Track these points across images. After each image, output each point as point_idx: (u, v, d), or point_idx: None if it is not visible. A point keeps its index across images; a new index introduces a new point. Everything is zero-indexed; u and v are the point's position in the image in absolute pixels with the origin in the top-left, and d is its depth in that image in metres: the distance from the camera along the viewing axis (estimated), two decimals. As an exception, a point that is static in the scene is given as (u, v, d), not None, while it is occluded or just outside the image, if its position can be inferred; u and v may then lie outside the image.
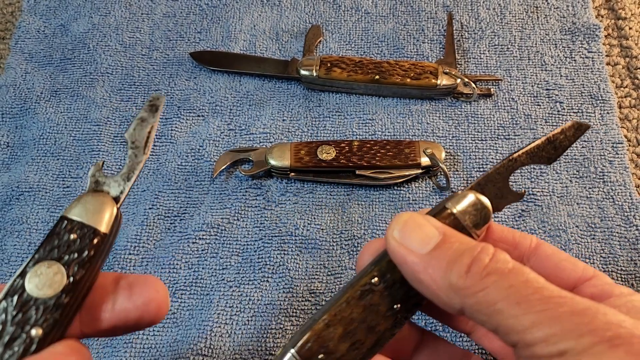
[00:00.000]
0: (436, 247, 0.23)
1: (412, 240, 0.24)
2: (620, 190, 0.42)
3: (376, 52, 0.49)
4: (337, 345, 0.24)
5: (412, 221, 0.24)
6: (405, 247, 0.24)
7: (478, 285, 0.21)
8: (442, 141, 0.45)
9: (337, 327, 0.25)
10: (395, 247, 0.24)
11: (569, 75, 0.47)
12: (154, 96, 0.27)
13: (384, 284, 0.25)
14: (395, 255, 0.24)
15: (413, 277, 0.23)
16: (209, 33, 0.51)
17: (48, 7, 0.53)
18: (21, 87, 0.48)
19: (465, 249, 0.23)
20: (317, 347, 0.24)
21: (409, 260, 0.23)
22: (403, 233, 0.24)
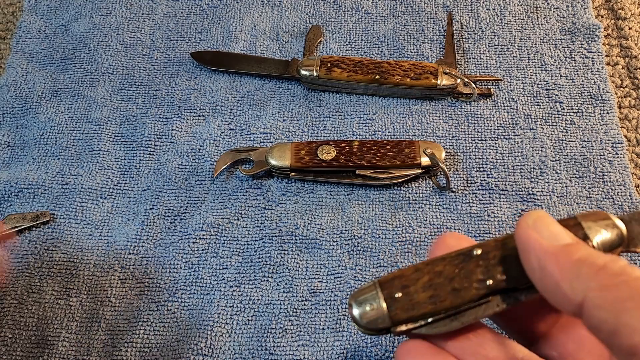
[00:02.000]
0: (569, 244, 0.23)
1: (545, 231, 0.23)
2: (620, 190, 0.42)
3: (376, 52, 0.49)
4: (418, 290, 0.25)
5: (546, 218, 0.24)
6: (537, 234, 0.23)
7: (609, 280, 0.21)
8: (442, 141, 0.45)
9: (424, 274, 0.25)
10: (527, 233, 0.24)
11: (569, 75, 0.47)
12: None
13: (484, 257, 0.25)
14: (526, 240, 0.23)
15: (537, 263, 0.23)
16: (210, 33, 0.51)
17: (49, 7, 0.53)
18: (22, 87, 0.48)
19: (600, 254, 0.22)
20: (399, 284, 0.25)
21: (538, 244, 0.23)
22: (536, 223, 0.24)
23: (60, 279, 0.40)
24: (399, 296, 0.25)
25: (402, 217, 0.42)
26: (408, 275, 0.25)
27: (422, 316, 0.25)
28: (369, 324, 0.25)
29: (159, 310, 0.39)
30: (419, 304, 0.25)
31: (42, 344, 0.38)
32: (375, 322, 0.25)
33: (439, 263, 0.25)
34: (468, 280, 0.25)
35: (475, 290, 0.24)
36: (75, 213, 0.42)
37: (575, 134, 0.45)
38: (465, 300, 0.25)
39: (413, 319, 0.25)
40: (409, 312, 0.25)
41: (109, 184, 0.44)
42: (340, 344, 0.37)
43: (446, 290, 0.25)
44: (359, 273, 0.39)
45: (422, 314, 0.25)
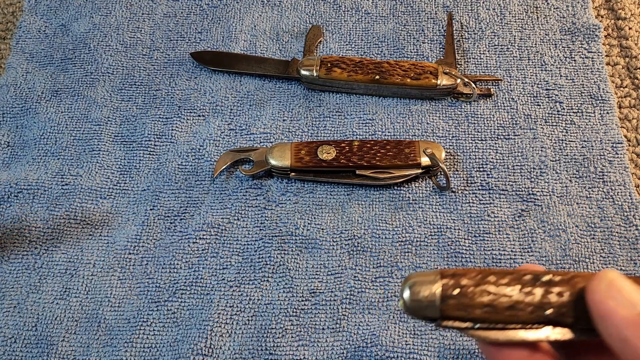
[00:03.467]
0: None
1: (620, 297, 0.23)
2: (620, 190, 0.42)
3: (376, 52, 0.49)
4: (477, 295, 0.24)
5: (621, 280, 0.23)
6: (613, 301, 0.22)
7: None
8: (442, 141, 0.45)
9: (488, 282, 0.24)
10: (601, 300, 0.23)
11: (569, 75, 0.47)
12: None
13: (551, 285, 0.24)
14: (600, 307, 0.23)
15: (617, 333, 0.22)
16: (210, 33, 0.51)
17: (49, 7, 0.53)
18: (22, 87, 0.48)
19: None
20: (460, 282, 0.24)
21: (617, 315, 0.22)
22: (610, 288, 0.23)
23: (60, 279, 0.40)
24: (456, 293, 0.24)
25: (402, 217, 0.42)
26: (473, 277, 0.25)
27: (472, 319, 0.24)
28: (416, 309, 0.25)
29: (159, 310, 0.39)
30: (473, 308, 0.24)
31: (42, 344, 0.38)
32: (423, 309, 0.24)
33: (506, 277, 0.25)
34: (529, 303, 0.24)
35: (532, 314, 0.24)
36: (75, 213, 0.42)
37: (575, 134, 0.45)
38: (518, 320, 0.24)
39: (462, 319, 0.24)
40: (460, 312, 0.24)
41: (108, 184, 0.44)
42: (340, 344, 0.37)
43: (504, 306, 0.24)
44: (359, 273, 0.39)
45: (472, 318, 0.24)
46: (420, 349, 0.37)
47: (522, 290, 0.24)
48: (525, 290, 0.24)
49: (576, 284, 0.24)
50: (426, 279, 0.25)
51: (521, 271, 0.25)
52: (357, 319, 0.38)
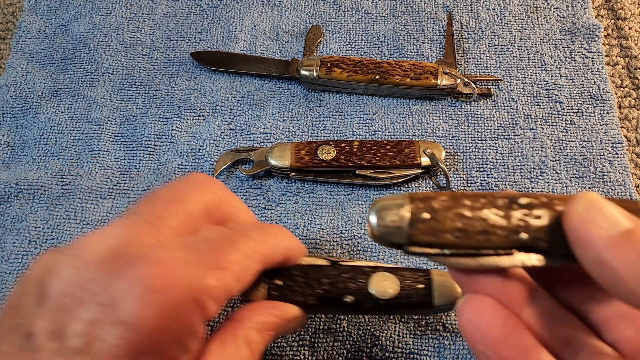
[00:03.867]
0: (629, 231, 0.20)
1: (599, 218, 0.21)
2: (620, 190, 0.42)
3: (376, 52, 0.49)
4: (448, 219, 0.23)
5: (600, 201, 0.21)
6: (592, 223, 0.21)
7: None
8: (442, 141, 0.45)
9: (460, 205, 0.23)
10: (579, 222, 0.21)
11: (569, 75, 0.47)
12: None
13: (529, 208, 0.23)
14: (578, 230, 0.21)
15: (595, 257, 0.20)
16: (210, 33, 0.51)
17: (49, 7, 0.53)
18: (22, 87, 0.48)
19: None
20: (430, 205, 0.23)
21: (595, 237, 0.20)
22: (589, 210, 0.21)
23: (60, 279, 0.40)
24: (425, 217, 0.23)
25: (402, 217, 0.41)
26: (443, 201, 0.23)
27: (442, 245, 0.23)
28: (383, 234, 0.23)
29: (158, 310, 0.39)
30: (444, 233, 0.23)
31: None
32: (390, 235, 0.23)
33: (479, 199, 0.23)
34: (502, 227, 0.22)
35: (505, 239, 0.23)
36: (75, 213, 0.42)
37: (575, 134, 0.45)
38: (492, 245, 0.23)
39: (431, 244, 0.23)
40: (429, 237, 0.23)
41: (108, 184, 0.44)
42: (340, 344, 0.37)
43: (476, 230, 0.23)
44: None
45: (442, 244, 0.23)
46: (420, 349, 0.37)
47: (496, 214, 0.23)
48: (500, 214, 0.23)
49: (555, 206, 0.23)
50: (394, 203, 0.23)
51: (496, 194, 0.23)
52: (357, 319, 0.38)
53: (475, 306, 0.23)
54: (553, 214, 0.22)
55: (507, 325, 0.23)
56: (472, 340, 0.23)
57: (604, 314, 0.24)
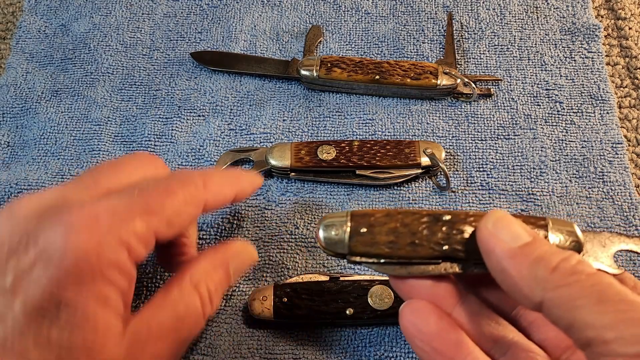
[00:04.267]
0: (526, 244, 0.24)
1: (503, 233, 0.25)
2: (619, 190, 0.42)
3: (376, 52, 0.49)
4: (382, 232, 0.27)
5: (506, 218, 0.26)
6: (496, 237, 0.25)
7: (563, 281, 0.22)
8: (442, 141, 0.45)
9: (392, 221, 0.27)
10: (487, 236, 0.25)
11: (569, 75, 0.47)
12: None
13: (450, 224, 0.27)
14: (486, 242, 0.25)
15: (497, 265, 0.24)
16: (210, 33, 0.51)
17: (49, 7, 0.53)
18: (22, 87, 0.48)
19: (554, 251, 0.24)
20: (367, 221, 0.27)
21: (498, 248, 0.24)
22: (496, 226, 0.25)
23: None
24: (363, 231, 0.27)
25: (402, 217, 0.42)
26: (378, 217, 0.27)
27: (377, 255, 0.27)
28: (328, 245, 0.27)
29: (158, 310, 0.39)
30: (378, 244, 0.27)
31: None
32: (334, 246, 0.27)
33: (409, 216, 0.27)
34: (428, 240, 0.27)
35: (430, 250, 0.27)
36: (75, 213, 0.42)
37: (575, 134, 0.45)
38: (419, 255, 0.27)
39: (368, 254, 0.27)
40: (366, 247, 0.27)
41: (109, 184, 0.44)
42: (339, 344, 0.37)
43: (405, 242, 0.27)
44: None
45: (377, 254, 0.27)
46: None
47: (423, 228, 0.27)
48: (426, 228, 0.27)
49: (472, 222, 0.27)
50: (337, 220, 0.27)
51: (423, 212, 0.27)
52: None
53: (414, 308, 0.27)
54: (471, 228, 0.27)
55: (440, 323, 0.26)
56: (411, 337, 0.26)
57: (530, 317, 0.28)
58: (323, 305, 0.36)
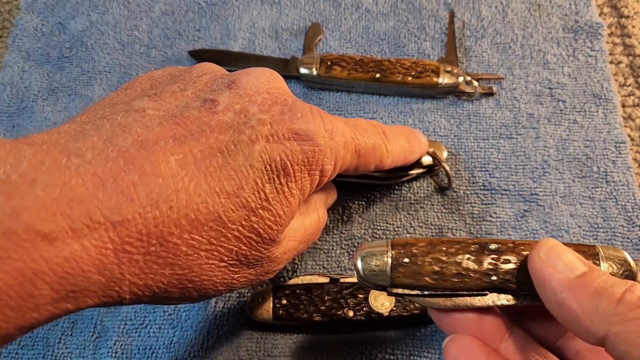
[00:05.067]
0: (584, 275, 0.23)
1: (558, 263, 0.24)
2: (623, 190, 0.42)
3: (377, 50, 0.49)
4: (425, 263, 0.26)
5: (559, 247, 0.25)
6: (551, 267, 0.24)
7: (629, 314, 0.21)
8: (444, 140, 0.44)
9: (436, 251, 0.26)
10: (540, 266, 0.24)
11: (572, 73, 0.47)
12: None
13: (498, 253, 0.25)
14: (540, 273, 0.24)
15: (554, 297, 0.23)
16: (208, 31, 0.50)
17: (46, 5, 0.52)
18: (18, 86, 0.48)
19: (615, 281, 0.23)
20: (409, 251, 0.26)
21: (554, 280, 0.23)
22: (549, 255, 0.24)
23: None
24: (405, 262, 0.26)
25: (403, 217, 0.41)
26: (421, 246, 0.26)
27: (421, 287, 0.26)
28: (368, 277, 0.26)
29: (155, 312, 0.38)
30: (422, 276, 0.26)
31: (39, 345, 0.37)
32: (375, 278, 0.26)
33: (454, 245, 0.26)
34: (475, 271, 0.25)
35: (478, 281, 0.25)
36: (71, 213, 0.42)
37: (578, 133, 0.44)
38: (466, 287, 0.25)
39: (411, 286, 0.26)
40: (409, 279, 0.26)
41: (105, 184, 0.43)
42: (339, 346, 0.37)
43: (451, 273, 0.25)
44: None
45: (421, 285, 0.26)
46: (420, 351, 0.36)
47: (469, 258, 0.25)
48: (472, 258, 0.25)
49: (521, 251, 0.26)
50: (378, 250, 0.26)
51: (469, 240, 0.26)
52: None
53: (459, 345, 0.25)
54: (520, 258, 0.25)
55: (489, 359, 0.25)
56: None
57: (575, 348, 0.27)
58: (323, 307, 0.35)
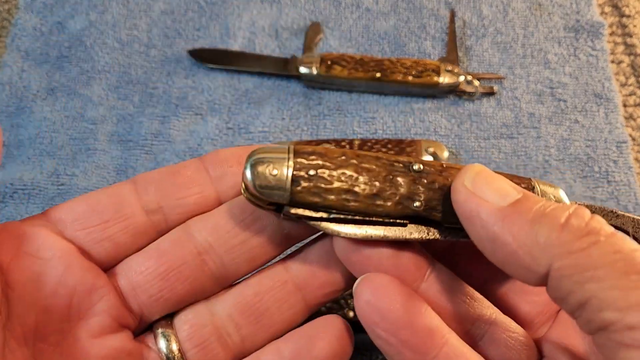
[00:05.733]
0: (518, 201, 0.19)
1: (487, 191, 0.19)
2: (624, 190, 0.42)
3: (377, 49, 0.49)
4: (334, 178, 0.20)
5: (488, 172, 0.20)
6: (478, 197, 0.19)
7: (576, 244, 0.17)
8: (445, 140, 0.44)
9: (350, 164, 0.20)
10: (467, 196, 0.19)
11: (573, 73, 0.47)
12: None
13: (424, 176, 0.21)
14: (466, 205, 0.19)
15: (485, 232, 0.19)
16: (208, 30, 0.50)
17: (45, 5, 0.52)
18: (17, 85, 0.48)
19: (557, 205, 0.18)
20: (316, 161, 0.20)
21: (483, 211, 0.19)
22: (476, 182, 0.20)
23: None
24: (310, 174, 0.20)
25: (404, 218, 0.41)
26: (331, 157, 0.20)
27: (326, 208, 0.20)
28: (262, 192, 0.20)
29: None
30: (329, 193, 0.20)
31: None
32: (270, 193, 0.20)
33: (371, 160, 0.20)
34: (395, 192, 0.20)
35: (398, 205, 0.20)
36: (70, 213, 0.42)
37: (579, 133, 0.44)
38: (382, 212, 0.20)
39: (315, 206, 0.20)
40: (314, 197, 0.20)
41: (104, 184, 0.43)
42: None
43: (366, 192, 0.20)
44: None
45: (327, 206, 0.20)
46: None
47: (387, 177, 0.20)
48: (392, 177, 0.20)
49: (450, 176, 0.21)
50: (275, 157, 0.20)
51: (391, 157, 0.21)
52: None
53: (374, 285, 0.20)
54: (448, 183, 0.21)
55: (409, 305, 0.20)
56: (372, 325, 0.20)
57: (502, 286, 0.23)
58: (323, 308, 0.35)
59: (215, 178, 0.24)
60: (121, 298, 0.23)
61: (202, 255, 0.23)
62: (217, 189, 0.24)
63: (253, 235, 0.23)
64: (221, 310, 0.24)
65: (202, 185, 0.24)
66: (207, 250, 0.23)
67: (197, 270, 0.23)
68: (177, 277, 0.23)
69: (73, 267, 0.22)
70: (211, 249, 0.23)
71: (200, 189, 0.24)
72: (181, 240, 0.23)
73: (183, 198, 0.24)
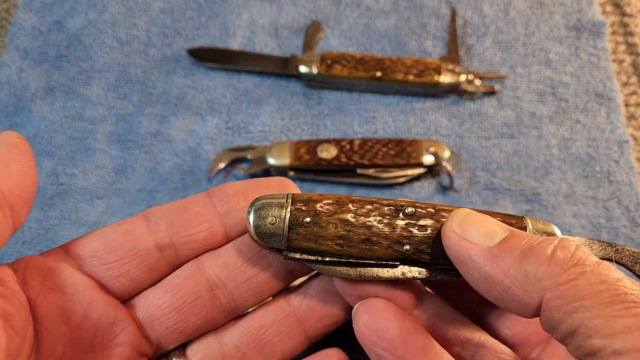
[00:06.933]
0: (505, 240, 0.20)
1: (475, 233, 0.21)
2: (626, 190, 0.41)
3: (378, 48, 0.48)
4: (330, 225, 0.22)
5: (474, 215, 0.22)
6: (467, 241, 0.20)
7: (563, 276, 0.18)
8: (445, 139, 0.44)
9: (344, 211, 0.22)
10: (456, 241, 0.21)
11: (574, 72, 0.46)
12: None
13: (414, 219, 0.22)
14: (456, 249, 0.21)
15: (478, 273, 0.20)
16: (207, 29, 0.50)
17: (43, 4, 0.52)
18: (16, 85, 0.47)
19: (541, 239, 0.20)
20: (313, 209, 0.22)
21: (473, 253, 0.20)
22: (464, 226, 0.21)
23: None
24: (307, 221, 0.22)
25: (404, 218, 0.41)
26: (327, 204, 0.22)
27: (322, 253, 0.22)
28: (262, 237, 0.22)
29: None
30: (325, 240, 0.22)
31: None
32: (269, 238, 0.22)
33: (365, 206, 0.22)
34: (386, 237, 0.22)
35: (389, 249, 0.22)
36: (69, 214, 0.42)
37: (580, 133, 0.44)
38: (374, 255, 0.22)
39: (311, 251, 0.22)
40: (310, 243, 0.22)
41: (103, 184, 0.43)
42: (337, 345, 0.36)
43: (359, 238, 0.22)
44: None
45: (322, 251, 0.22)
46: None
47: (380, 222, 0.22)
48: (385, 222, 0.22)
49: (441, 218, 0.22)
50: (275, 202, 0.22)
51: (383, 201, 0.22)
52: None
53: (371, 309, 0.23)
54: (439, 225, 0.22)
55: (403, 326, 0.22)
56: (370, 345, 0.23)
57: (495, 312, 0.25)
58: None
59: (222, 213, 0.25)
60: (140, 329, 0.25)
61: (214, 290, 0.25)
62: (224, 224, 0.26)
63: (260, 271, 0.25)
64: (229, 341, 0.26)
65: (210, 221, 0.26)
66: (218, 285, 0.25)
67: (209, 304, 0.25)
68: (192, 311, 0.25)
69: (96, 301, 0.24)
70: (222, 284, 0.25)
71: (209, 225, 0.26)
72: (195, 276, 0.25)
73: (193, 234, 0.26)
